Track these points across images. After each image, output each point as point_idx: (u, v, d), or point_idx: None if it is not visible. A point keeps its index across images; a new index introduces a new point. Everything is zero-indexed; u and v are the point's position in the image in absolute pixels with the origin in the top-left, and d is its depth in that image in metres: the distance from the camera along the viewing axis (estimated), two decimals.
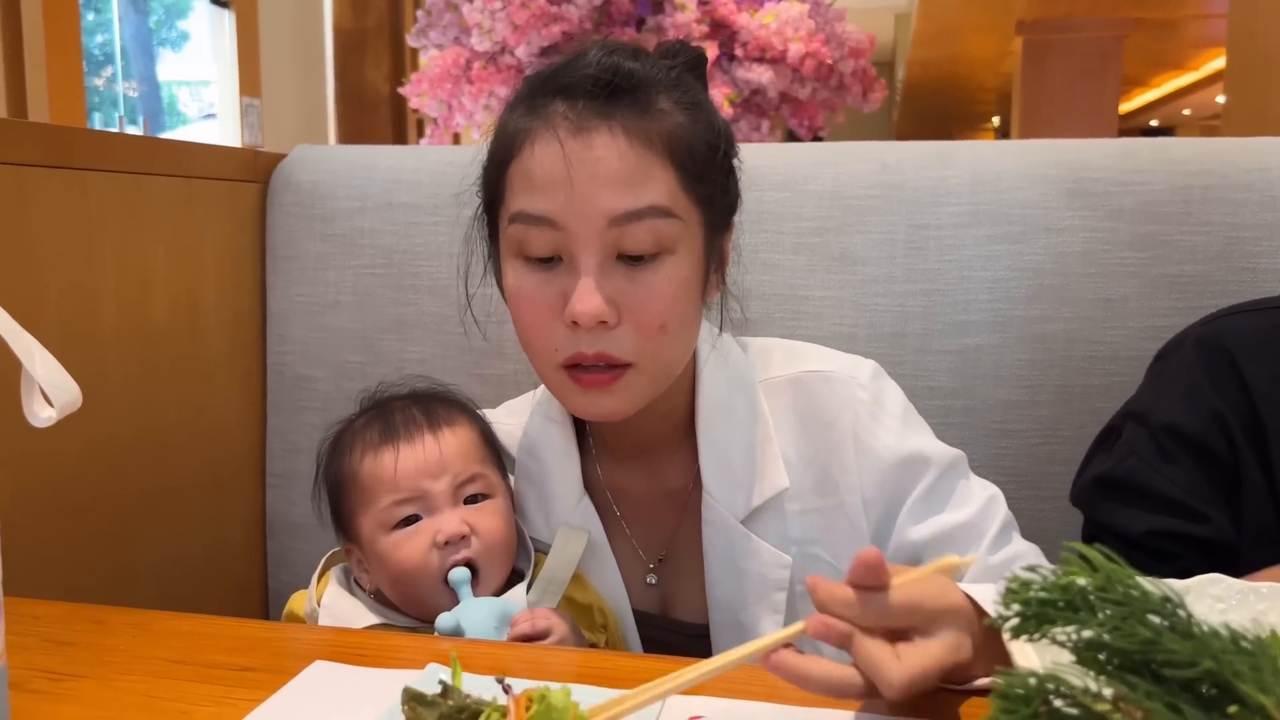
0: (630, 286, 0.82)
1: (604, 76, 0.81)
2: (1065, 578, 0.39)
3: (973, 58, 10.25)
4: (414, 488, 0.90)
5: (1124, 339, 1.19)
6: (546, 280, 0.83)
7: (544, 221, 0.82)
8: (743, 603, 0.92)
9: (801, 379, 0.95)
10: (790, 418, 0.94)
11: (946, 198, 1.23)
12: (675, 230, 0.83)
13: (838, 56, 5.08)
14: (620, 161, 0.80)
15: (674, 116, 0.84)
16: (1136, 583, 0.39)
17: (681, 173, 0.83)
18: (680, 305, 0.84)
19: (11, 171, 1.01)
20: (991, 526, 0.91)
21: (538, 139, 0.82)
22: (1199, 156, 1.20)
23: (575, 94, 0.82)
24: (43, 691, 0.71)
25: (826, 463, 0.92)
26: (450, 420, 0.94)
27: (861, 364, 0.96)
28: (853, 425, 0.92)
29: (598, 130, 0.81)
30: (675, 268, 0.83)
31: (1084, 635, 0.39)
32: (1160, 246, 1.18)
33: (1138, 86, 12.56)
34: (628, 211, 0.80)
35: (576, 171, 0.80)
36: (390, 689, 0.69)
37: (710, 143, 0.86)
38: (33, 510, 1.04)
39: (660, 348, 0.84)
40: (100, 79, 8.22)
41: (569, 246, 0.82)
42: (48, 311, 1.06)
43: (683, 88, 0.86)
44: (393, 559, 0.89)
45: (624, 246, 0.82)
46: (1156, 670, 0.38)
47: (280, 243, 1.39)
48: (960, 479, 0.93)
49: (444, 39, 5.09)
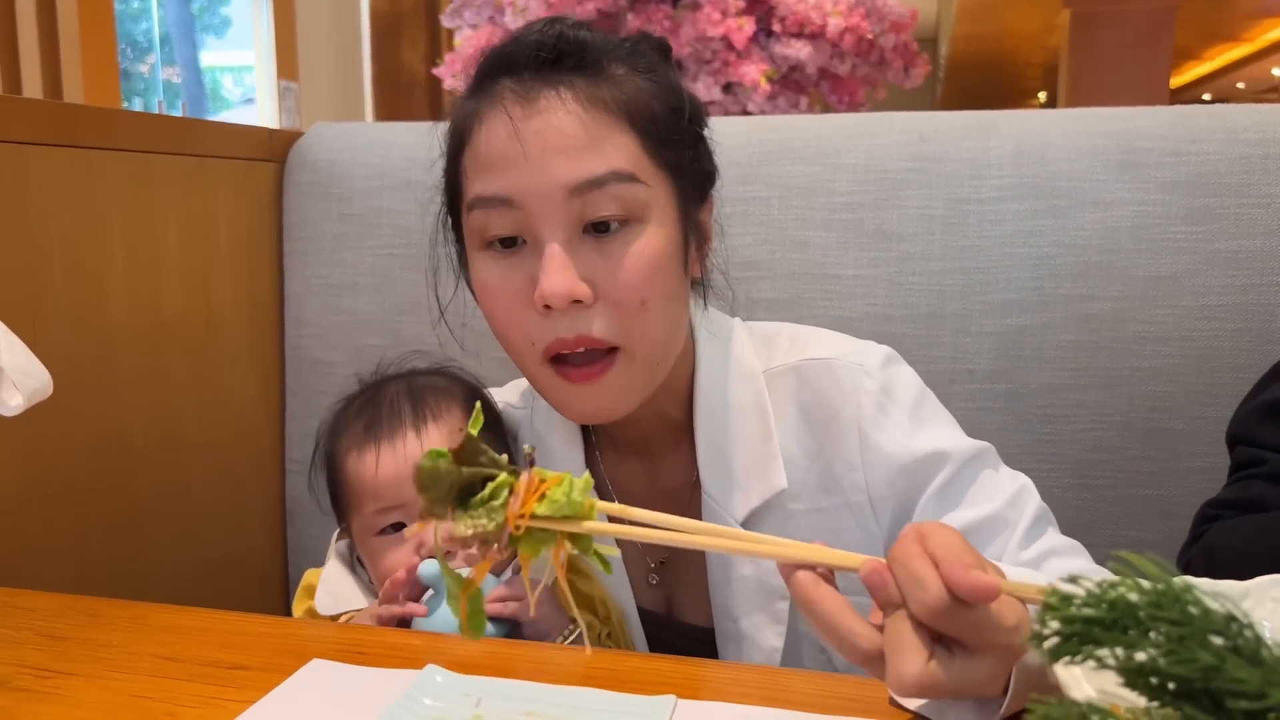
0: (601, 260, 0.77)
1: (547, 42, 0.77)
2: (1113, 592, 0.34)
3: (1018, 31, 10.02)
4: (395, 495, 0.86)
5: (1175, 319, 1.12)
6: (512, 266, 0.78)
7: (500, 201, 0.77)
8: (744, 610, 0.87)
9: (803, 367, 0.88)
10: (793, 410, 0.88)
11: (988, 170, 1.17)
12: (643, 196, 0.77)
13: (878, 31, 4.96)
14: (574, 126, 0.76)
15: (630, 80, 0.79)
16: (1196, 598, 0.34)
17: (643, 137, 0.78)
18: (659, 279, 0.78)
19: (12, 150, 0.98)
20: (1022, 519, 0.82)
21: (485, 118, 0.78)
22: (1258, 124, 1.12)
23: (520, 67, 0.78)
24: (28, 689, 0.68)
25: (831, 458, 0.86)
26: (438, 412, 0.90)
27: (870, 350, 0.88)
28: (857, 418, 0.85)
29: (545, 97, 0.76)
30: (649, 239, 0.77)
31: (1135, 658, 0.34)
32: (1216, 220, 1.11)
33: (1190, 59, 12.23)
34: (588, 179, 0.75)
35: (528, 143, 0.75)
36: (389, 690, 0.66)
37: (673, 106, 0.81)
38: (42, 501, 1.02)
39: (645, 326, 0.78)
40: (144, 65, 8.30)
41: (530, 225, 0.77)
42: (53, 295, 1.03)
43: (638, 55, 0.81)
44: (378, 563, 0.88)
45: (589, 216, 0.76)
46: (1218, 699, 0.32)
47: (297, 223, 1.36)
48: (984, 469, 0.85)
49: (478, 19, 5.05)
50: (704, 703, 0.64)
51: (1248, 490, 0.87)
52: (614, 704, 0.62)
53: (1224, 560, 0.84)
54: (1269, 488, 0.86)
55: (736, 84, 4.94)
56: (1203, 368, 1.12)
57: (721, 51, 4.88)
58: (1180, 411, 1.12)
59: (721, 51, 4.88)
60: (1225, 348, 1.11)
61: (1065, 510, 0.90)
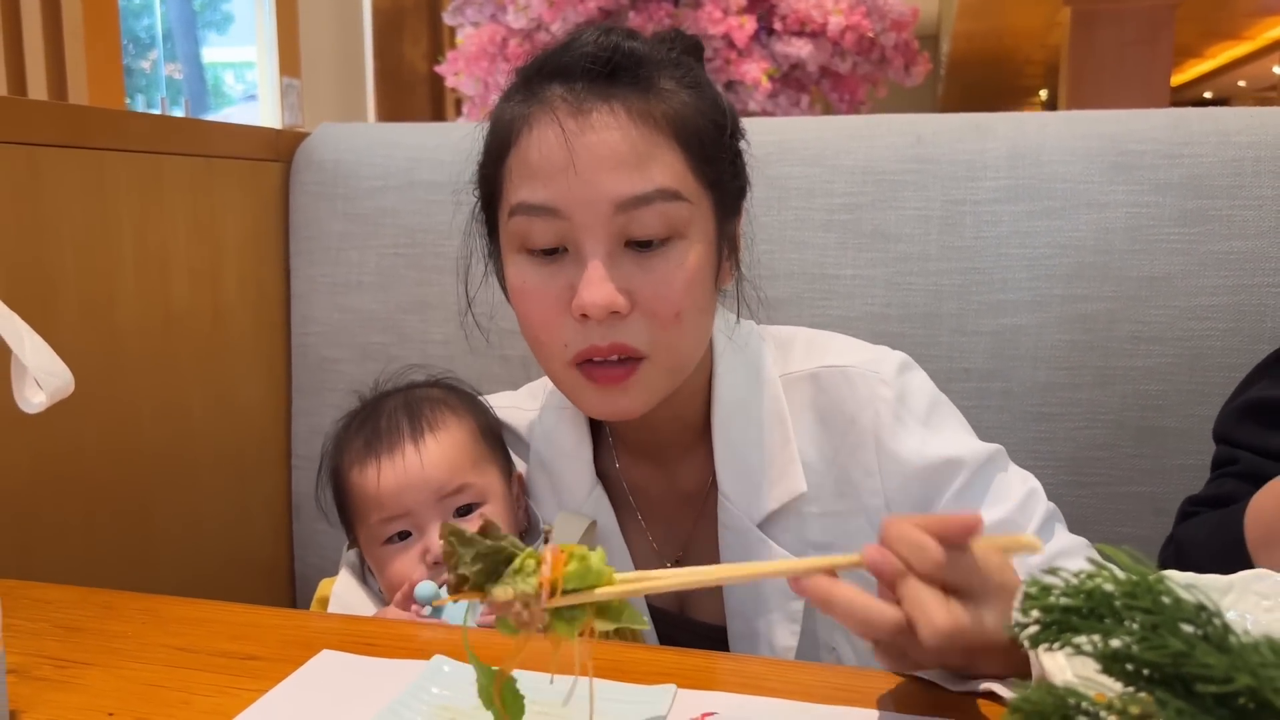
0: (641, 274, 0.78)
1: (603, 55, 0.77)
2: (1090, 583, 0.36)
3: (1019, 29, 10.03)
4: (398, 505, 0.88)
5: (1169, 319, 1.14)
6: (552, 274, 0.79)
7: (546, 211, 0.77)
8: (757, 610, 0.89)
9: (820, 375, 0.90)
10: (810, 415, 0.89)
11: (984, 172, 1.19)
12: (685, 214, 0.78)
13: (879, 29, 4.98)
14: (624, 143, 0.76)
15: (678, 95, 0.79)
16: (1168, 588, 0.36)
17: (689, 154, 0.79)
18: (694, 292, 0.79)
19: (25, 152, 1.00)
20: (1031, 522, 0.85)
21: (535, 124, 0.78)
22: (1251, 127, 1.14)
23: (573, 75, 0.78)
24: (47, 679, 0.70)
25: (847, 464, 0.88)
26: (437, 424, 0.91)
27: (886, 357, 0.90)
28: (874, 426, 0.87)
29: (599, 110, 0.76)
30: (687, 253, 0.79)
31: (1111, 645, 0.36)
32: (1209, 222, 1.13)
33: (1191, 57, 12.23)
34: (635, 195, 0.76)
35: (579, 155, 0.76)
36: (397, 680, 0.68)
37: (717, 122, 0.82)
38: (54, 495, 1.04)
39: (676, 337, 0.80)
40: (146, 62, 8.31)
41: (574, 235, 0.77)
42: (65, 294, 1.05)
43: (684, 68, 0.82)
44: (385, 572, 0.90)
45: (632, 232, 0.77)
46: (1189, 684, 0.34)
47: (303, 223, 1.38)
48: (996, 474, 0.87)
49: (480, 16, 5.06)
50: (704, 692, 0.66)
51: (1222, 487, 0.90)
52: (616, 693, 0.64)
53: (1189, 553, 0.87)
54: (1241, 485, 0.89)
55: (738, 82, 4.96)
56: (1195, 367, 1.14)
57: (723, 50, 4.90)
58: (1173, 410, 1.14)
59: (723, 50, 4.90)
60: (1217, 347, 1.13)
61: (1060, 507, 0.92)
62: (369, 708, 0.64)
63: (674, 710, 0.63)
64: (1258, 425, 0.92)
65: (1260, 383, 0.95)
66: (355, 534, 0.93)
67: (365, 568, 0.96)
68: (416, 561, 0.88)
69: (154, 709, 0.66)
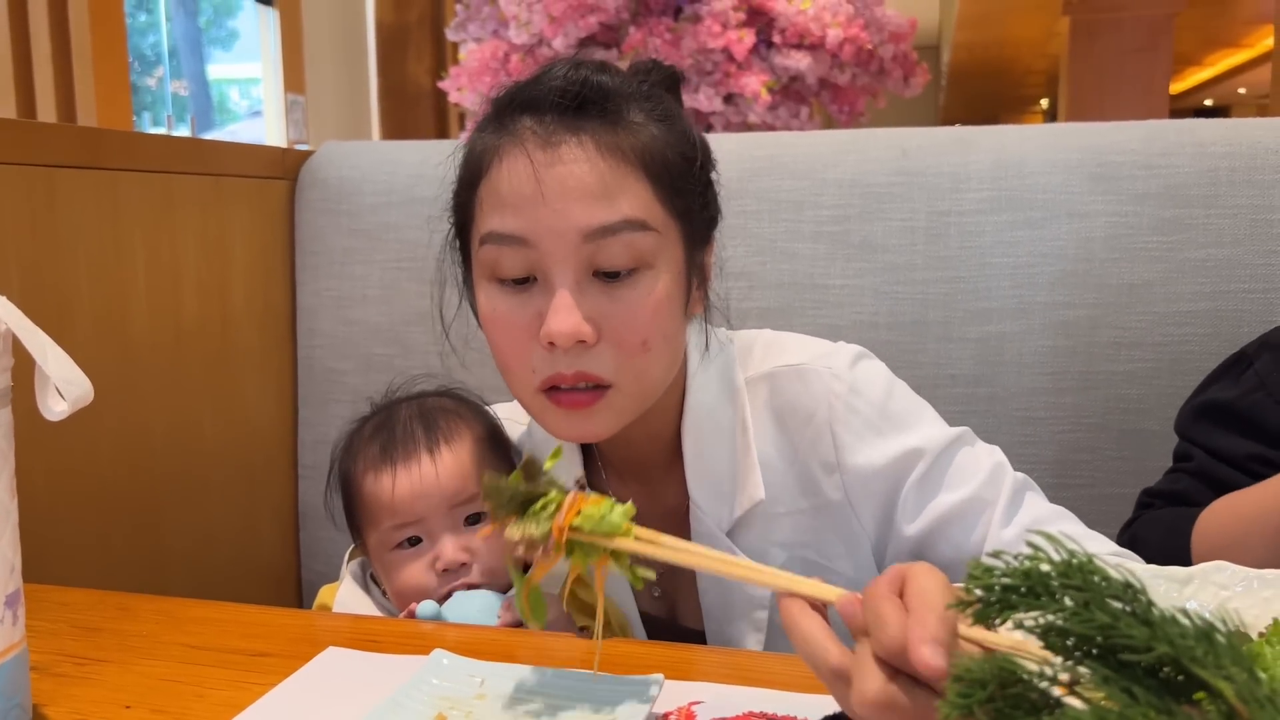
0: (609, 304, 0.79)
1: (571, 89, 0.79)
2: (1028, 564, 0.40)
3: (1019, 39, 10.08)
4: (411, 512, 0.90)
5: (1149, 324, 1.17)
6: (521, 302, 0.81)
7: (515, 240, 0.79)
8: (728, 616, 0.92)
9: (776, 374, 0.91)
10: (767, 416, 0.91)
11: (968, 184, 1.23)
12: (652, 244, 0.80)
13: (877, 41, 5.02)
14: (592, 174, 0.78)
15: (647, 128, 0.81)
16: (1099, 568, 0.39)
17: (656, 184, 0.80)
18: (661, 321, 0.81)
19: (42, 173, 1.04)
20: (1000, 496, 0.87)
21: (505, 156, 0.80)
22: (1225, 138, 1.17)
23: (542, 108, 0.80)
24: (67, 675, 0.74)
25: (807, 461, 0.90)
26: (451, 434, 0.93)
27: (839, 351, 0.91)
28: (829, 421, 0.88)
29: (567, 143, 0.78)
30: (654, 283, 0.80)
31: (1050, 621, 0.40)
32: (1186, 230, 1.17)
33: (1191, 65, 12.27)
34: (602, 225, 0.78)
35: (547, 186, 0.78)
36: (399, 674, 0.71)
37: (685, 154, 0.83)
38: (68, 503, 1.08)
39: (642, 366, 0.81)
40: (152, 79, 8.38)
41: (543, 265, 0.79)
42: (80, 309, 1.09)
43: (654, 100, 0.83)
44: (394, 577, 0.91)
45: (599, 263, 0.79)
46: (1117, 655, 0.38)
47: (308, 238, 1.42)
48: (959, 451, 0.89)
49: (482, 32, 5.11)
50: (688, 682, 0.69)
51: (1177, 483, 0.93)
52: (606, 683, 0.67)
53: (1143, 551, 0.90)
54: (1194, 483, 0.93)
55: (737, 95, 5.00)
56: (1175, 371, 1.17)
57: (722, 63, 4.95)
58: (1154, 413, 1.18)
59: (722, 63, 4.95)
60: (1196, 352, 1.16)
61: None
62: (372, 700, 0.67)
63: (662, 699, 0.67)
64: (1211, 425, 0.96)
65: (1218, 383, 0.99)
66: (364, 538, 0.95)
67: (367, 577, 0.98)
68: (426, 568, 0.90)
69: (169, 702, 0.70)
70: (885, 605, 0.53)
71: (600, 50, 5.06)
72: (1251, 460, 0.92)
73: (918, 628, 0.50)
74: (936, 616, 0.50)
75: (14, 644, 0.64)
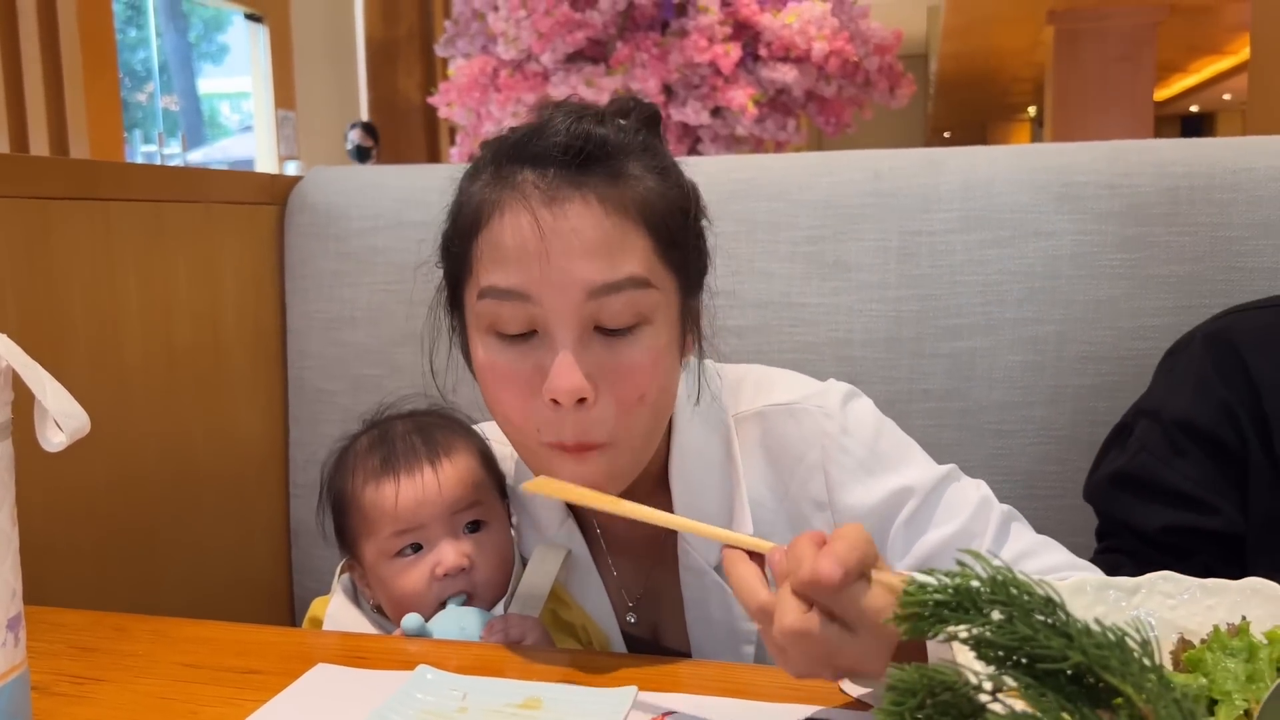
0: (609, 358, 0.80)
1: (575, 145, 0.79)
2: (959, 580, 0.43)
3: (1005, 49, 10.16)
4: (413, 519, 0.92)
5: (1114, 339, 1.21)
6: (521, 355, 0.81)
7: (517, 295, 0.79)
8: (715, 651, 0.93)
9: (767, 413, 0.93)
10: (759, 454, 0.93)
11: (938, 204, 1.26)
12: (653, 300, 0.81)
13: (862, 54, 5.08)
14: (596, 231, 0.78)
15: (645, 182, 0.82)
16: (1024, 584, 0.43)
17: (656, 239, 0.81)
18: (658, 375, 0.82)
19: (36, 205, 1.07)
20: (988, 529, 0.90)
21: (508, 210, 0.80)
22: (1185, 158, 1.21)
23: (546, 163, 0.80)
24: (66, 694, 0.77)
25: (798, 498, 0.92)
26: (449, 448, 0.96)
27: (830, 390, 0.94)
28: (822, 461, 0.91)
29: (571, 200, 0.79)
30: (653, 339, 0.81)
31: (979, 633, 0.43)
32: (1148, 248, 1.20)
33: (1175, 72, 12.37)
34: (606, 283, 0.78)
35: (551, 243, 0.78)
36: (386, 689, 0.74)
37: (682, 207, 0.85)
38: (65, 527, 1.11)
39: (637, 420, 0.82)
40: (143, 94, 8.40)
41: (544, 320, 0.79)
42: (75, 336, 1.12)
43: (651, 151, 0.84)
44: (393, 585, 0.93)
45: (602, 319, 0.79)
46: (1038, 664, 0.41)
47: (298, 262, 1.45)
48: (948, 489, 0.91)
49: (471, 48, 5.17)
50: (663, 694, 0.72)
51: (1118, 566, 0.92)
52: (582, 695, 0.70)
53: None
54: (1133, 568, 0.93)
55: (724, 108, 5.06)
56: (1140, 384, 1.20)
57: (709, 77, 5.01)
58: None
59: (709, 77, 5.01)
60: None
61: None
62: (359, 714, 0.70)
63: (634, 711, 0.70)
64: (1117, 493, 1.03)
65: (1108, 455, 1.07)
66: (359, 550, 0.96)
67: (357, 592, 1.01)
68: (426, 574, 0.92)
69: (166, 719, 0.72)
70: (804, 547, 0.61)
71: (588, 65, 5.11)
72: (1167, 534, 0.98)
73: (826, 555, 0.59)
74: (846, 544, 0.60)
75: (16, 665, 0.67)
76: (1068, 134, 8.12)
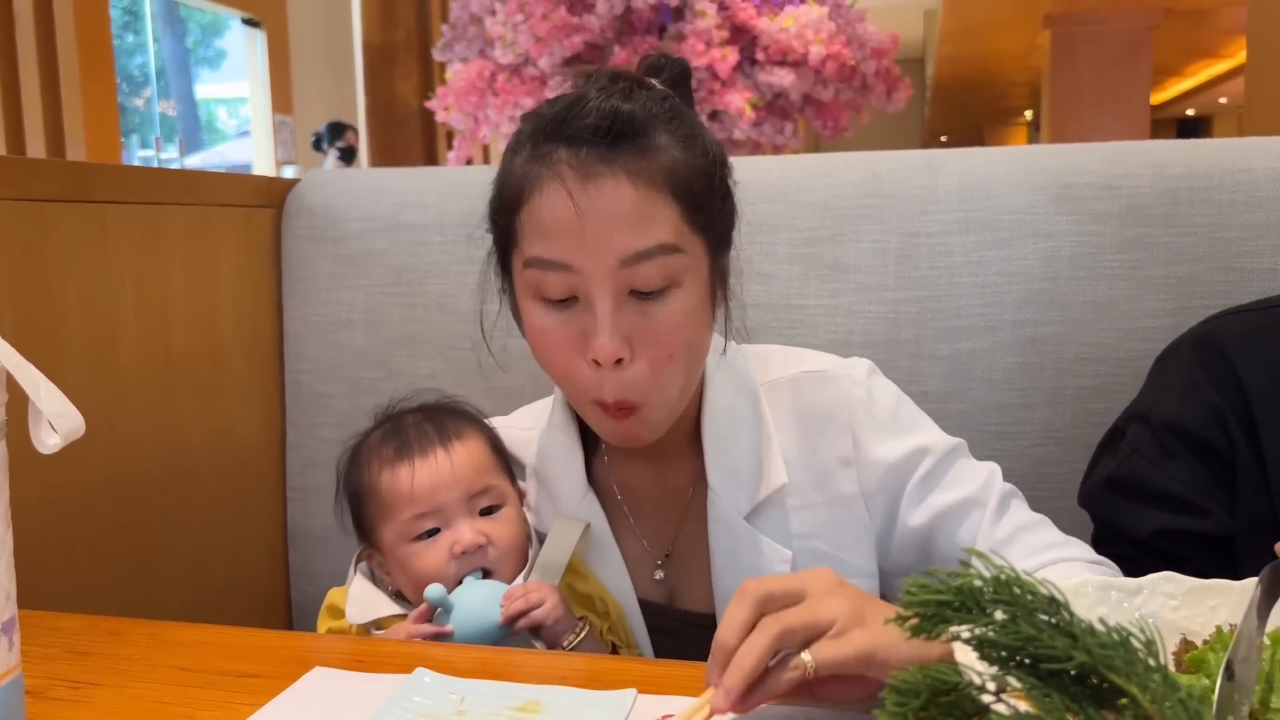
0: (643, 320, 0.87)
1: (604, 125, 0.85)
2: (961, 580, 0.42)
3: (1001, 53, 10.18)
4: (431, 502, 0.95)
5: (1113, 340, 1.21)
6: (566, 320, 0.88)
7: (559, 266, 0.86)
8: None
9: (799, 379, 1.01)
10: (790, 417, 1.00)
11: (936, 205, 1.26)
12: (683, 263, 0.87)
13: (860, 57, 5.08)
14: (626, 204, 0.85)
15: (671, 151, 0.88)
16: (1027, 584, 0.42)
17: (683, 206, 0.87)
18: (688, 334, 0.89)
19: (33, 208, 1.07)
20: (991, 499, 0.97)
21: (546, 187, 0.86)
22: (1184, 159, 1.21)
23: (578, 142, 0.86)
24: (61, 699, 0.76)
25: (825, 457, 0.98)
26: (460, 433, 1.00)
27: (856, 363, 1.02)
28: (849, 421, 0.98)
29: (603, 176, 0.85)
30: (684, 299, 0.88)
31: (982, 633, 0.43)
32: (1147, 249, 1.20)
33: (1172, 76, 12.40)
34: (638, 251, 0.85)
35: (587, 218, 0.84)
36: (383, 693, 0.74)
37: (707, 171, 0.90)
38: (61, 529, 1.10)
39: (669, 378, 0.89)
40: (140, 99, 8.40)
41: (584, 287, 0.86)
42: (71, 339, 1.11)
43: (678, 119, 0.90)
44: (414, 566, 0.96)
45: (636, 284, 0.86)
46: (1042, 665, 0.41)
47: (294, 265, 1.44)
48: (958, 460, 0.99)
49: (469, 52, 5.16)
50: (663, 696, 0.72)
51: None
52: (582, 699, 0.70)
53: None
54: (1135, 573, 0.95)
55: (722, 112, 5.06)
56: (1139, 385, 1.20)
57: (707, 80, 5.00)
58: None
59: (707, 80, 5.00)
60: None
61: None
62: (357, 717, 0.70)
63: (634, 714, 0.69)
64: (1109, 498, 1.04)
65: (1101, 461, 1.07)
66: (377, 537, 0.99)
67: (375, 579, 1.02)
68: (445, 552, 0.94)
69: None
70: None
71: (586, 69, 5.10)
72: (1159, 538, 0.99)
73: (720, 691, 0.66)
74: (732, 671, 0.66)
75: (10, 669, 0.66)
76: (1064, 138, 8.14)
